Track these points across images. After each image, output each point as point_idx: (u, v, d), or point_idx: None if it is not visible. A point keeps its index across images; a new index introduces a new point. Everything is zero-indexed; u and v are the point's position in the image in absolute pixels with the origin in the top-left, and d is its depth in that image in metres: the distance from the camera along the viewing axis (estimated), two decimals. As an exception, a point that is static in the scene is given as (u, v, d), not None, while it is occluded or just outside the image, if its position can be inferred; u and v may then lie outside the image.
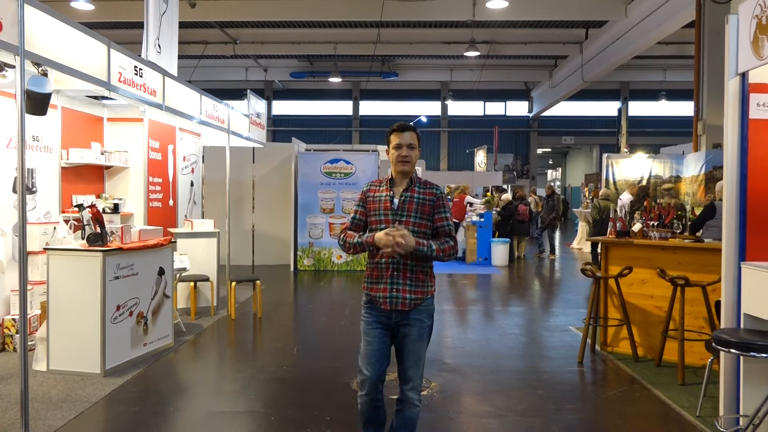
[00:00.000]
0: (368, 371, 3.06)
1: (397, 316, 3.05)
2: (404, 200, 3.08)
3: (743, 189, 3.62)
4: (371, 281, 3.12)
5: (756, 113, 3.65)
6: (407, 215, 3.06)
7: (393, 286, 3.04)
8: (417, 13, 15.51)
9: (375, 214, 3.12)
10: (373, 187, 3.20)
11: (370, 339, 3.08)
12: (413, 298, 3.05)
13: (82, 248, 5.01)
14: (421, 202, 3.08)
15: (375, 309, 3.10)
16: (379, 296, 3.06)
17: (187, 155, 8.96)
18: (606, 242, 5.93)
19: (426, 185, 3.16)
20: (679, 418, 4.15)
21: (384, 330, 3.08)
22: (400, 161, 3.11)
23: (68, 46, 4.04)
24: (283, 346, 6.20)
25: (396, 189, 3.13)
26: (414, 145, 3.14)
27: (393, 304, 3.04)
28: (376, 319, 3.09)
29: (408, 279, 3.05)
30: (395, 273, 3.04)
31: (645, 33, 15.17)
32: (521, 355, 5.90)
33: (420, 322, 3.07)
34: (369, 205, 3.15)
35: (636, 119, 28.01)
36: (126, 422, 4.06)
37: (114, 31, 16.75)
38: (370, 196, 3.16)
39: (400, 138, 3.11)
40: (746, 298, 3.33)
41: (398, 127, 3.16)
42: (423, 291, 3.08)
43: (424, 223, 3.08)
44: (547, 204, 14.73)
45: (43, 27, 3.72)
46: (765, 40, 3.37)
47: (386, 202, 3.09)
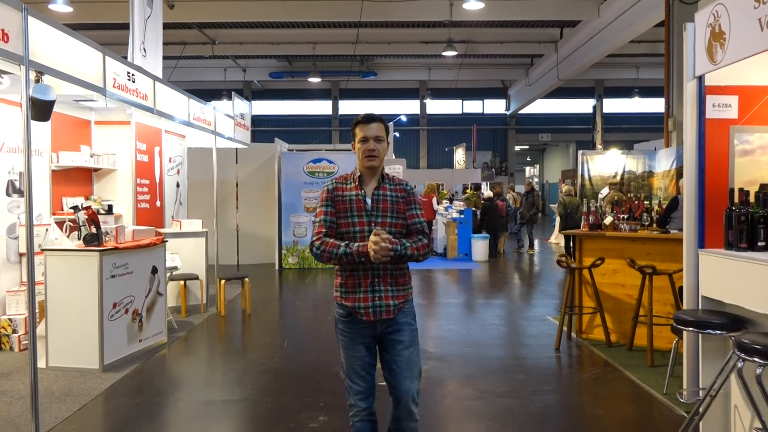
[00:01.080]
0: (361, 384, 2.81)
1: (381, 325, 2.81)
2: (377, 199, 2.84)
3: (701, 182, 3.93)
4: (346, 291, 2.83)
5: (712, 113, 3.96)
6: (382, 215, 2.82)
7: (375, 294, 2.78)
8: (395, 14, 15.76)
9: (346, 216, 2.82)
10: (340, 185, 2.89)
11: (356, 354, 2.82)
12: (396, 304, 2.82)
13: (79, 248, 5.19)
14: (395, 200, 2.86)
15: (355, 322, 2.81)
16: (359, 307, 2.78)
17: (173, 157, 9.10)
18: (579, 235, 6.26)
19: (395, 182, 2.93)
20: (647, 396, 4.48)
21: (369, 342, 2.84)
22: (367, 156, 2.82)
23: (67, 55, 4.22)
24: (273, 340, 6.42)
25: (366, 187, 2.87)
26: (381, 137, 2.85)
27: (377, 313, 2.78)
28: (359, 332, 2.82)
29: (389, 285, 2.81)
30: (376, 280, 2.79)
31: (617, 32, 15.60)
32: (501, 344, 6.20)
33: (409, 325, 2.86)
34: (338, 205, 2.84)
35: (611, 116, 28.62)
36: (128, 412, 4.26)
37: (93, 32, 16.76)
38: (338, 195, 2.85)
39: (366, 130, 2.83)
40: (703, 282, 3.64)
41: (363, 119, 2.86)
42: (404, 294, 2.86)
43: (400, 222, 2.86)
44: (526, 200, 15.10)
45: (45, 37, 3.91)
46: (718, 47, 3.69)
47: (359, 202, 2.82)
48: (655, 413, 4.17)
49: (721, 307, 3.51)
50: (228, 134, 8.92)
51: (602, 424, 4.06)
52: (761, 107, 3.97)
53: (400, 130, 27.26)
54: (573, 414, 4.27)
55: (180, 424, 4.12)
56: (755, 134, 3.98)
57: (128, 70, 5.38)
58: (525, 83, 24.62)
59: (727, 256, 3.40)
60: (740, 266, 3.27)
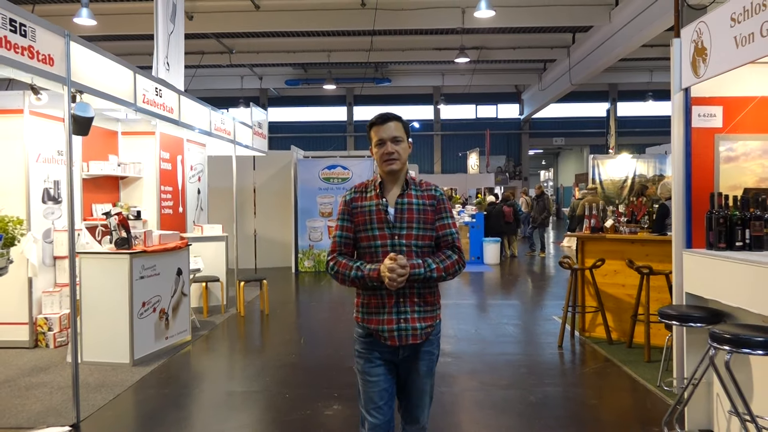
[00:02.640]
0: (378, 417, 2.54)
1: (405, 350, 2.55)
2: (401, 208, 2.53)
3: (688, 187, 4.21)
4: (368, 311, 2.56)
5: (697, 123, 4.24)
6: (407, 227, 2.52)
7: (400, 317, 2.50)
8: (408, 22, 16.10)
9: (366, 229, 2.54)
10: (358, 195, 2.61)
11: (374, 379, 2.56)
12: (424, 327, 2.54)
13: (111, 251, 5.58)
14: (422, 209, 2.55)
15: (377, 345, 2.55)
16: (383, 330, 2.51)
17: (194, 165, 9.52)
18: (581, 237, 6.54)
19: (423, 187, 2.62)
20: (642, 388, 4.75)
21: (389, 367, 2.58)
22: (385, 160, 2.54)
23: (102, 74, 4.62)
24: (291, 338, 6.78)
25: (388, 195, 2.58)
26: (400, 137, 2.56)
27: (402, 338, 2.51)
28: (379, 356, 2.56)
29: (416, 305, 2.52)
30: (401, 300, 2.50)
31: (629, 37, 15.79)
32: (507, 342, 6.49)
33: (429, 354, 2.60)
34: (356, 217, 2.57)
35: (624, 119, 28.71)
36: (159, 401, 4.63)
37: (116, 43, 17.35)
38: (357, 206, 2.58)
39: (382, 132, 2.55)
40: (687, 280, 3.92)
41: (377, 119, 2.58)
42: (432, 317, 2.58)
43: (428, 234, 2.55)
44: (537, 204, 15.33)
45: (83, 58, 4.30)
46: (701, 61, 3.97)
47: (379, 213, 2.53)
48: (648, 403, 4.44)
49: (703, 303, 3.79)
50: (246, 143, 9.33)
51: (596, 413, 4.35)
52: (744, 117, 4.25)
53: (413, 135, 27.45)
54: (570, 404, 4.56)
55: (205, 412, 4.48)
56: (738, 142, 4.26)
57: (156, 86, 5.78)
58: (538, 88, 24.83)
59: (708, 255, 3.68)
60: (718, 264, 3.55)
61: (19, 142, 6.07)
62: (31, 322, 6.15)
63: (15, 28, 3.47)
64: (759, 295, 3.12)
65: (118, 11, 15.72)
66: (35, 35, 3.65)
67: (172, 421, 4.24)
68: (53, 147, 6.51)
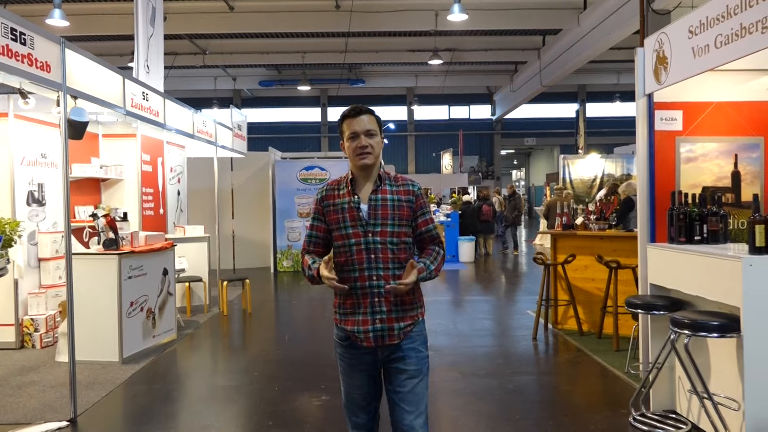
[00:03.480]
0: (361, 416, 2.54)
1: (384, 351, 2.46)
2: (375, 205, 2.46)
3: (652, 186, 4.52)
4: (345, 312, 2.49)
5: (660, 126, 4.56)
6: (382, 223, 2.44)
7: (375, 317, 2.43)
8: (383, 24, 16.34)
9: (339, 227, 2.47)
10: (330, 192, 2.54)
11: (356, 383, 2.52)
12: (402, 327, 2.46)
13: (99, 252, 5.69)
14: (397, 205, 2.47)
15: (355, 347, 2.48)
16: (359, 331, 2.44)
17: (174, 166, 9.60)
18: (554, 234, 6.86)
19: (399, 182, 2.54)
20: (611, 374, 5.07)
21: (371, 370, 2.51)
22: (358, 154, 2.46)
23: (94, 79, 4.74)
24: (275, 335, 6.96)
25: (361, 192, 2.50)
26: (374, 131, 2.49)
27: (378, 339, 2.43)
28: (358, 359, 2.49)
29: (393, 304, 2.44)
30: (376, 300, 2.42)
31: (597, 40, 16.25)
32: (484, 335, 6.76)
33: (416, 352, 2.48)
34: (329, 216, 2.51)
35: (593, 120, 29.40)
36: (151, 396, 4.78)
37: (89, 44, 17.23)
38: (329, 204, 2.51)
39: (355, 125, 2.47)
40: (651, 271, 4.24)
41: (350, 112, 2.51)
42: (413, 315, 2.49)
43: (404, 231, 2.48)
44: (509, 203, 15.71)
45: (77, 65, 4.43)
46: (662, 69, 4.29)
47: (351, 211, 2.45)
48: (617, 388, 4.75)
49: (666, 293, 4.10)
50: (228, 145, 9.45)
51: (569, 398, 4.64)
52: (702, 120, 4.58)
53: (388, 136, 27.89)
54: (545, 390, 4.84)
55: (198, 404, 4.65)
56: (698, 143, 4.59)
57: (143, 90, 5.91)
58: (510, 89, 25.29)
59: (669, 248, 4.00)
60: (679, 257, 3.86)
61: (4, 145, 6.13)
62: (17, 323, 6.21)
63: (15, 36, 3.60)
64: (715, 284, 3.43)
65: (90, 11, 15.64)
66: (34, 43, 3.78)
67: (166, 415, 4.40)
68: (37, 150, 6.58)
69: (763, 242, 3.19)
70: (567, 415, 4.22)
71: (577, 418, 4.12)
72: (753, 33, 3.28)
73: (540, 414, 4.28)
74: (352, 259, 2.44)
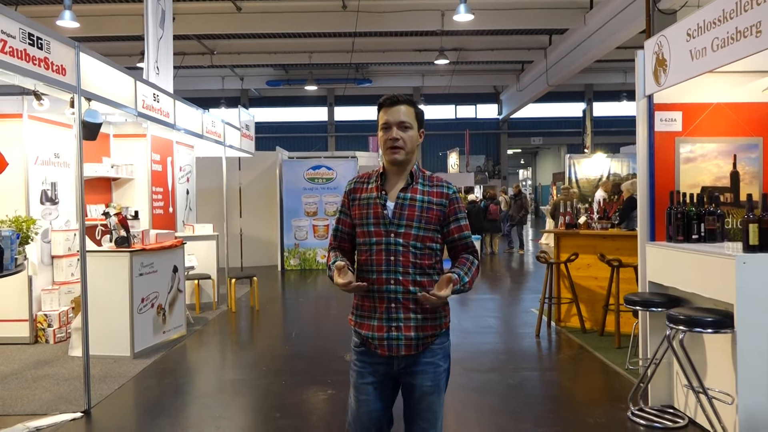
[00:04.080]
0: None
1: (400, 362, 2.26)
2: (401, 204, 2.27)
3: (652, 186, 4.61)
4: (361, 314, 2.32)
5: (659, 126, 4.65)
6: (406, 225, 2.25)
7: (390, 324, 2.23)
8: (389, 24, 16.44)
9: (362, 223, 2.31)
10: (359, 185, 2.38)
11: (364, 397, 2.29)
12: (421, 337, 2.25)
13: (112, 249, 5.83)
14: (426, 207, 2.27)
15: (369, 354, 2.29)
16: (372, 337, 2.26)
17: (183, 166, 9.75)
18: (557, 233, 6.95)
19: (432, 182, 2.34)
20: (612, 371, 5.16)
21: (383, 382, 2.30)
22: (389, 147, 2.28)
23: (107, 81, 4.88)
24: (282, 331, 7.09)
25: (389, 188, 2.32)
26: (409, 123, 2.29)
27: (392, 348, 2.24)
28: (371, 368, 2.29)
29: (411, 312, 2.23)
30: (393, 305, 2.24)
31: (603, 40, 16.28)
32: (488, 332, 6.87)
33: (434, 366, 2.27)
34: (354, 210, 2.35)
35: (600, 119, 29.39)
36: (162, 390, 4.92)
37: (98, 44, 17.43)
38: (356, 198, 2.35)
39: (389, 114, 2.29)
40: (649, 269, 4.33)
41: (386, 101, 2.34)
42: (434, 325, 2.27)
43: (430, 235, 2.28)
44: (515, 202, 15.78)
45: (91, 68, 4.56)
46: (661, 71, 4.38)
47: (376, 207, 2.28)
48: (616, 384, 4.84)
49: (664, 290, 4.19)
50: (236, 144, 9.59)
51: (569, 393, 4.74)
52: (702, 121, 4.67)
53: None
54: (546, 386, 4.94)
55: (208, 397, 4.78)
56: (697, 144, 4.68)
57: (154, 92, 6.05)
58: (516, 88, 25.32)
59: (667, 247, 4.09)
60: (676, 255, 3.95)
61: (19, 145, 6.29)
62: (31, 319, 6.37)
63: (33, 41, 3.73)
64: (710, 282, 3.52)
65: (100, 13, 15.82)
66: (50, 47, 3.92)
67: (177, 407, 4.53)
68: (50, 150, 6.74)
69: (757, 241, 3.27)
70: (567, 409, 4.32)
71: (576, 412, 4.22)
72: (747, 37, 3.37)
73: (540, 408, 4.38)
74: (372, 259, 2.27)
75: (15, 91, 5.90)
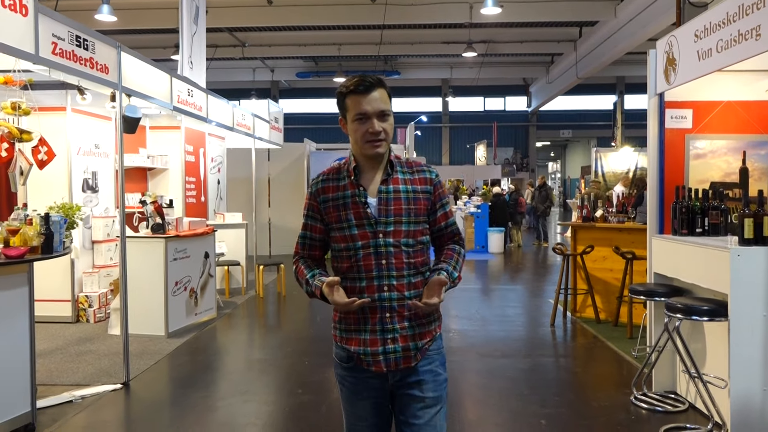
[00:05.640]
0: None
1: (396, 374, 2.02)
2: (386, 198, 2.00)
3: (661, 181, 4.76)
4: (347, 328, 2.03)
5: (670, 124, 4.79)
6: (395, 222, 1.99)
7: (387, 336, 1.98)
8: (417, 16, 16.59)
9: (342, 227, 2.02)
10: (328, 183, 2.06)
11: (360, 413, 2.08)
12: (420, 346, 2.02)
13: (148, 236, 6.22)
14: (412, 198, 2.02)
15: (359, 370, 2.02)
16: (365, 353, 1.99)
17: (214, 157, 10.13)
18: (574, 225, 7.12)
19: (413, 168, 2.09)
20: (621, 359, 5.35)
21: (378, 398, 2.06)
22: (369, 141, 2.00)
23: (145, 78, 5.23)
24: (307, 316, 7.42)
25: (366, 182, 2.04)
26: (387, 111, 2.01)
27: (390, 362, 1.99)
28: (364, 384, 2.04)
29: (407, 320, 1.99)
30: (387, 315, 1.98)
31: (634, 32, 16.19)
32: (504, 320, 7.08)
33: (433, 375, 2.04)
34: (328, 213, 2.04)
35: (632, 112, 28.99)
36: (194, 366, 5.28)
37: (134, 37, 17.97)
38: (327, 199, 2.04)
39: (365, 103, 1.99)
40: (655, 261, 4.50)
41: (357, 85, 2.00)
42: (430, 330, 2.05)
43: (419, 229, 2.04)
44: (539, 194, 15.86)
45: (130, 66, 4.91)
46: (671, 70, 4.53)
47: (356, 206, 2.00)
48: (624, 370, 5.04)
49: (668, 281, 4.37)
50: (265, 136, 9.94)
51: (577, 378, 4.96)
52: (712, 118, 4.80)
53: (422, 127, 28.18)
54: (555, 371, 5.16)
55: (236, 373, 5.13)
56: (706, 141, 4.81)
57: (188, 87, 6.40)
58: (545, 81, 25.22)
59: (670, 239, 4.26)
60: (678, 247, 4.13)
61: (63, 136, 6.70)
62: (73, 300, 6.81)
63: (80, 43, 4.08)
64: (708, 273, 3.70)
65: (135, 6, 16.30)
66: (94, 48, 4.26)
67: (207, 382, 4.88)
68: (91, 141, 7.15)
69: (752, 234, 3.44)
70: (573, 393, 4.54)
71: (581, 395, 4.44)
72: (748, 39, 3.52)
73: (547, 390, 4.61)
74: (359, 265, 1.99)
75: (59, 86, 6.30)
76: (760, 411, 3.39)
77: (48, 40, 3.75)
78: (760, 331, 3.38)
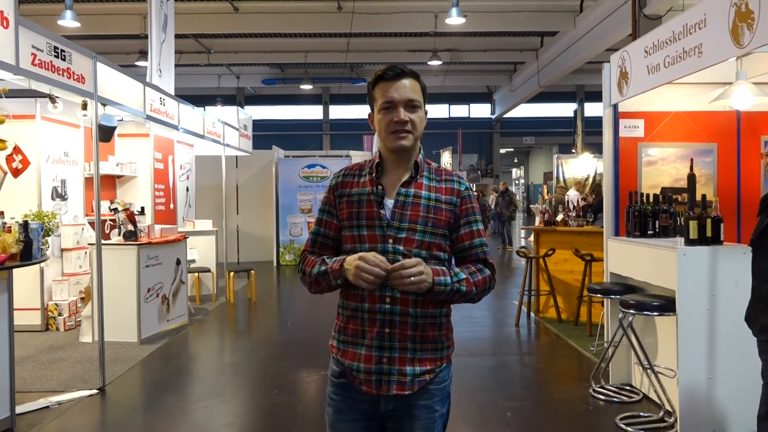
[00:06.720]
0: None
1: (388, 402, 1.82)
2: (403, 201, 1.83)
3: (616, 186, 5.07)
4: (345, 339, 1.87)
5: (624, 133, 5.11)
6: (408, 228, 1.80)
7: (382, 354, 1.79)
8: (383, 25, 16.85)
9: (352, 225, 1.84)
10: (349, 178, 1.91)
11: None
12: (418, 373, 1.80)
13: (120, 243, 6.26)
14: (433, 206, 1.84)
15: (350, 389, 1.84)
16: (357, 369, 1.81)
17: (183, 164, 10.17)
18: (536, 230, 7.41)
19: (441, 176, 1.91)
20: (580, 355, 5.64)
21: (366, 422, 1.85)
22: (394, 131, 1.82)
23: (119, 87, 5.31)
24: (278, 321, 7.54)
25: (388, 182, 1.87)
26: (417, 102, 1.84)
27: (381, 385, 1.79)
28: (352, 404, 1.85)
29: (409, 339, 1.79)
30: (386, 330, 1.79)
31: (592, 42, 16.73)
32: (471, 322, 7.33)
33: (428, 411, 1.83)
34: (342, 208, 1.87)
35: (591, 120, 29.82)
36: (168, 371, 5.36)
37: (97, 42, 17.76)
38: (344, 194, 1.88)
39: (393, 90, 1.81)
40: (611, 261, 4.80)
41: (387, 72, 1.84)
42: (435, 358, 1.84)
43: (437, 242, 1.83)
44: (503, 199, 16.25)
45: (106, 75, 4.99)
46: (624, 83, 4.84)
47: (370, 205, 1.82)
48: (583, 365, 5.32)
49: (623, 280, 4.66)
50: (234, 144, 10.02)
51: (540, 374, 5.22)
52: (662, 128, 5.13)
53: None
54: (520, 368, 5.42)
55: (211, 377, 5.23)
56: (657, 149, 5.14)
57: (160, 96, 6.48)
58: (509, 88, 25.80)
59: (624, 241, 4.56)
60: (631, 248, 4.42)
61: (32, 144, 6.69)
62: (42, 308, 6.79)
63: (58, 53, 4.16)
64: (657, 271, 3.99)
65: (100, 11, 16.16)
66: (71, 58, 4.34)
67: (183, 386, 4.98)
68: (61, 149, 7.16)
69: (696, 235, 3.74)
70: (537, 387, 4.80)
71: (544, 389, 4.69)
72: (692, 56, 3.83)
73: (512, 386, 4.86)
74: None
75: (28, 94, 6.31)
76: (705, 398, 3.68)
77: (28, 51, 3.84)
78: (704, 325, 3.68)
